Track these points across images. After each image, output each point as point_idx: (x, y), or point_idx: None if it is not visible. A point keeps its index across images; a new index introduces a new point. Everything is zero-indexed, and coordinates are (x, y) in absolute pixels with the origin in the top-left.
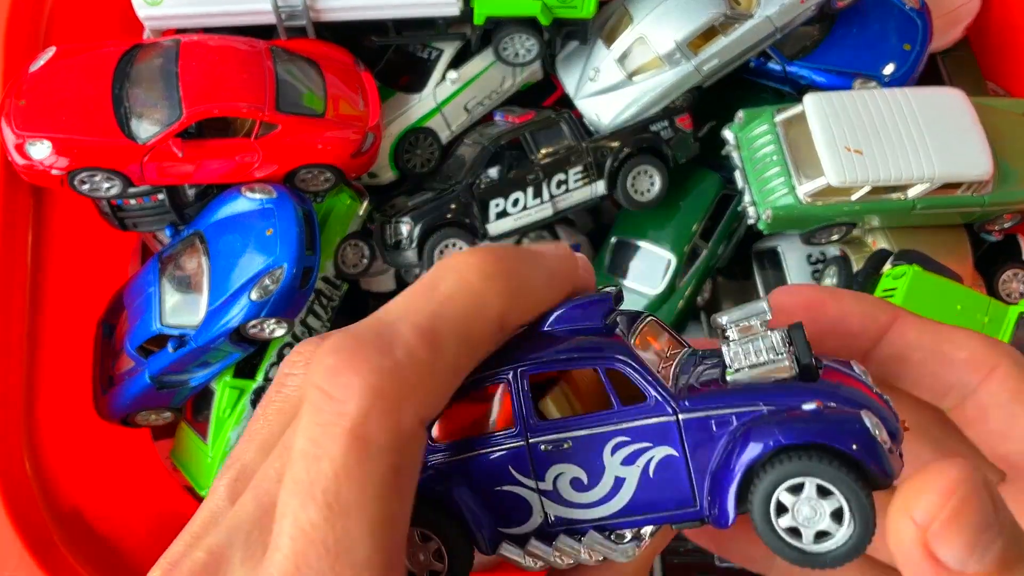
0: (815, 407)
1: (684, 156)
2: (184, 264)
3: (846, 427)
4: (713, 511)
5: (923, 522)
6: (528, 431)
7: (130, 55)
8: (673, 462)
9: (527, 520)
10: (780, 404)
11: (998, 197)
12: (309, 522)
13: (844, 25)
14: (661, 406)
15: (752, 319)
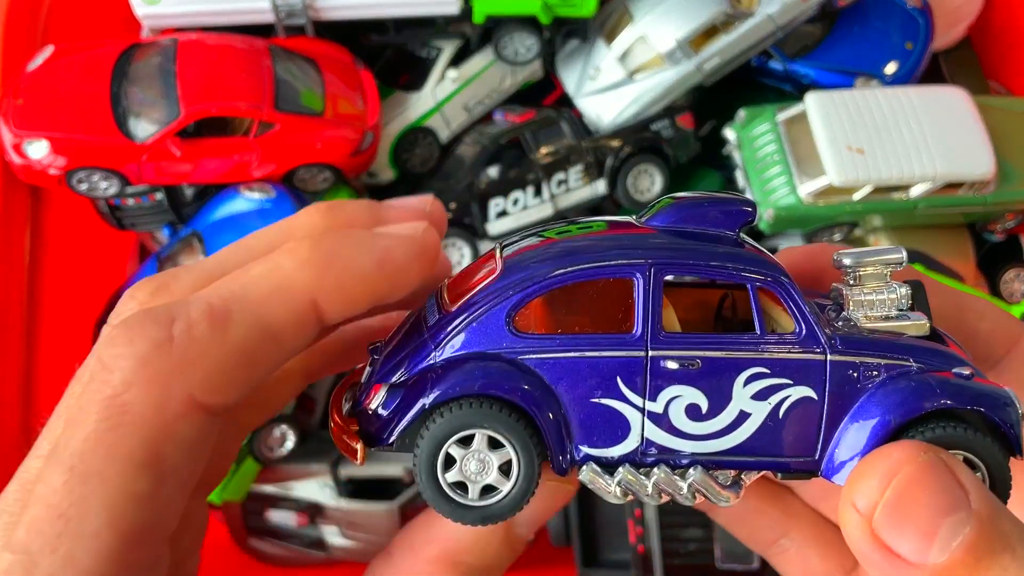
0: (969, 372)
1: (685, 155)
2: (182, 264)
3: (1000, 401)
4: (836, 463)
5: (865, 509)
6: (652, 341)
7: (128, 54)
8: (809, 405)
9: (619, 442)
10: (930, 364)
11: (1000, 196)
12: (52, 487)
13: (846, 24)
14: (811, 341)
15: (880, 266)
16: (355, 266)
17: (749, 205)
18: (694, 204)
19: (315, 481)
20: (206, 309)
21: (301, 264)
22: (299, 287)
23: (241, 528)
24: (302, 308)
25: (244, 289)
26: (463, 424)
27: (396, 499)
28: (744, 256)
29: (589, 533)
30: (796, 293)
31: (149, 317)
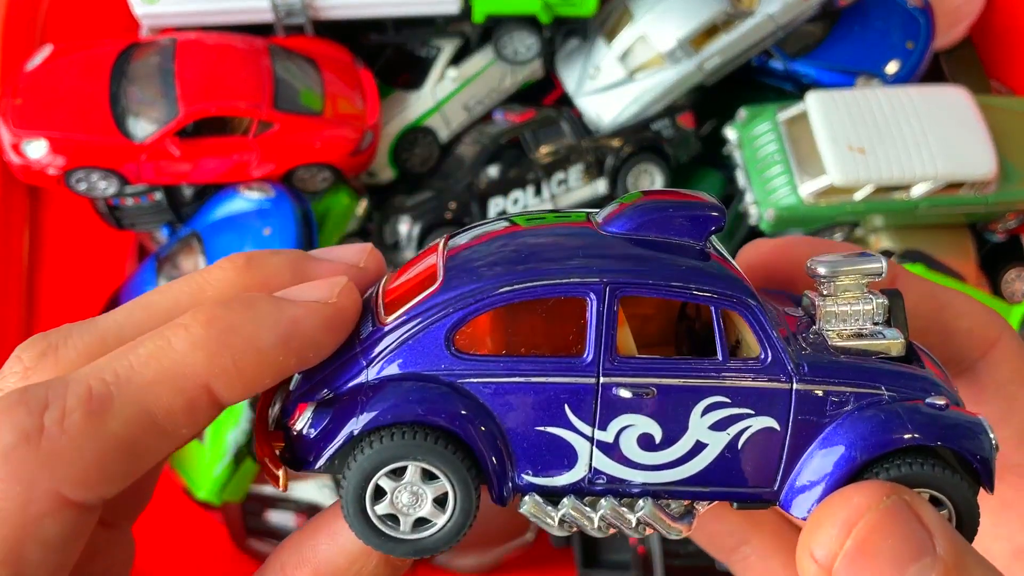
0: (943, 403)
1: (686, 155)
2: (181, 264)
3: (971, 431)
4: (799, 496)
5: (824, 560)
6: (604, 366)
7: (127, 53)
8: (771, 436)
9: (565, 471)
10: (902, 391)
11: (1001, 196)
12: None
13: (846, 23)
14: (776, 368)
15: (855, 276)
16: (255, 345)
17: (717, 211)
18: (658, 209)
19: (314, 482)
20: (84, 395)
21: (193, 345)
22: (190, 372)
23: (240, 529)
24: (193, 394)
25: (128, 371)
26: (394, 456)
27: None
28: (708, 274)
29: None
30: (763, 316)
31: (21, 402)
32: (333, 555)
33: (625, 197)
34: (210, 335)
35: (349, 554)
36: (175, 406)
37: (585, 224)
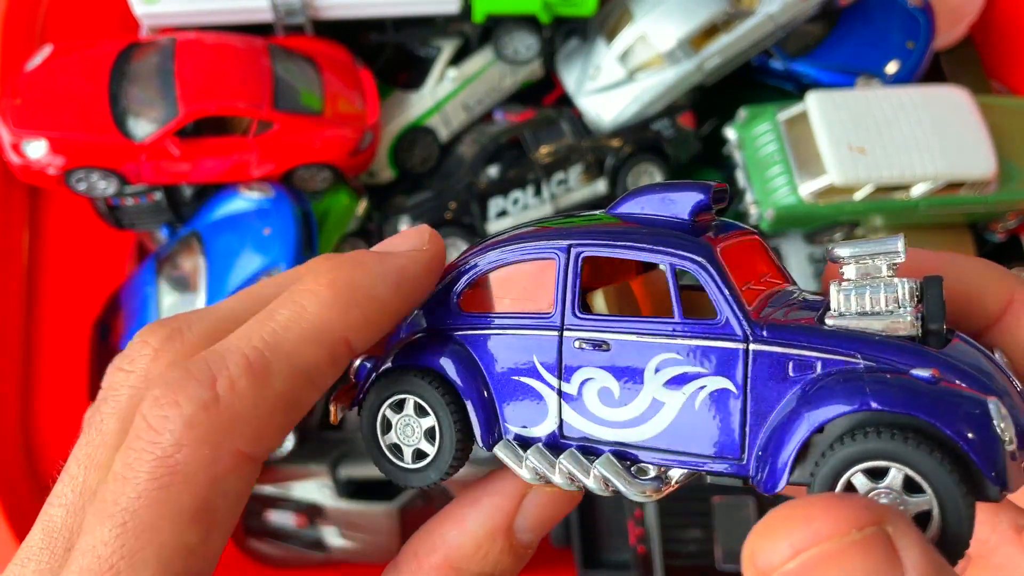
0: (929, 375)
1: (686, 155)
2: (181, 264)
3: (962, 408)
4: (761, 472)
5: (761, 571)
6: (565, 321)
7: (127, 53)
8: (727, 399)
9: (539, 423)
10: (884, 361)
11: (1001, 196)
12: (101, 540)
13: (846, 23)
14: (731, 328)
15: (879, 259)
16: (375, 295)
17: (702, 190)
18: (649, 191)
19: (314, 482)
20: (244, 364)
21: (325, 306)
22: (329, 329)
23: (240, 529)
24: (335, 348)
25: (275, 336)
26: (393, 390)
27: (395, 500)
28: (667, 237)
29: (589, 534)
30: (716, 274)
31: (191, 377)
32: (462, 541)
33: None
34: (337, 294)
35: (476, 538)
36: (322, 360)
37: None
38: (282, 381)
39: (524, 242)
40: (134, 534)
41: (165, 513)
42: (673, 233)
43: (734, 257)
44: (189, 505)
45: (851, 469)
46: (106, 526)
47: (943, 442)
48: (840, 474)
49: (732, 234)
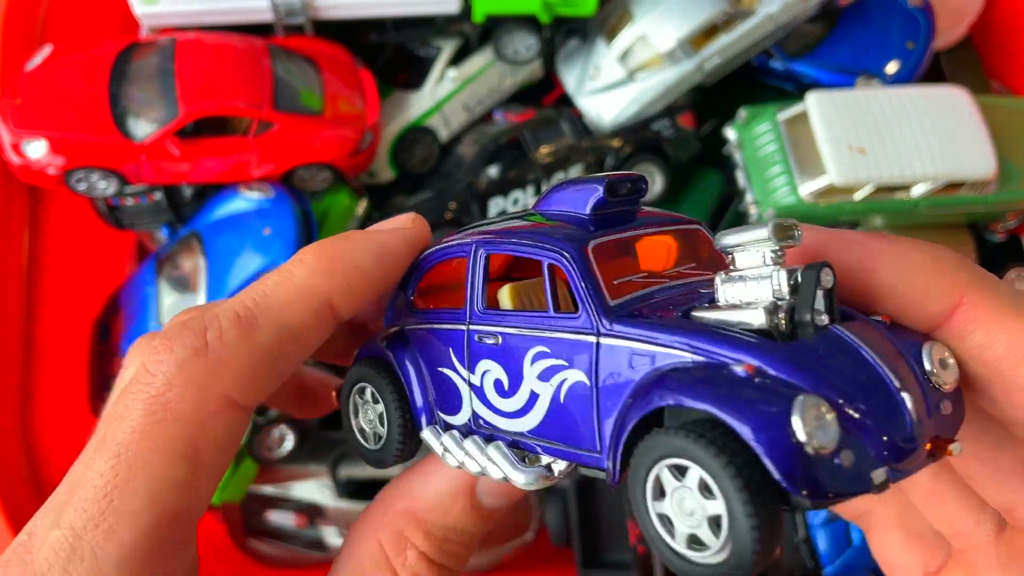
0: (742, 372)
1: (685, 155)
2: (181, 264)
3: (758, 406)
4: (608, 465)
5: None
6: (472, 315)
7: (127, 53)
8: (584, 392)
9: (458, 412)
10: (714, 356)
11: (1001, 196)
12: (98, 471)
13: (846, 23)
14: (587, 322)
15: (758, 247)
16: (358, 264)
17: (599, 183)
18: (559, 188)
19: (314, 482)
20: (234, 317)
21: (311, 271)
22: (312, 291)
23: (240, 529)
24: (319, 309)
25: (264, 297)
26: (356, 377)
27: None
28: (545, 234)
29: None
30: (578, 269)
31: (186, 327)
32: (426, 494)
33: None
34: (322, 261)
35: (439, 493)
36: (306, 318)
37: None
38: (267, 334)
39: (454, 242)
40: (127, 466)
41: (156, 447)
42: (557, 230)
43: (642, 250)
44: (178, 441)
45: (656, 466)
46: (103, 459)
47: (740, 443)
48: (649, 470)
49: (645, 227)
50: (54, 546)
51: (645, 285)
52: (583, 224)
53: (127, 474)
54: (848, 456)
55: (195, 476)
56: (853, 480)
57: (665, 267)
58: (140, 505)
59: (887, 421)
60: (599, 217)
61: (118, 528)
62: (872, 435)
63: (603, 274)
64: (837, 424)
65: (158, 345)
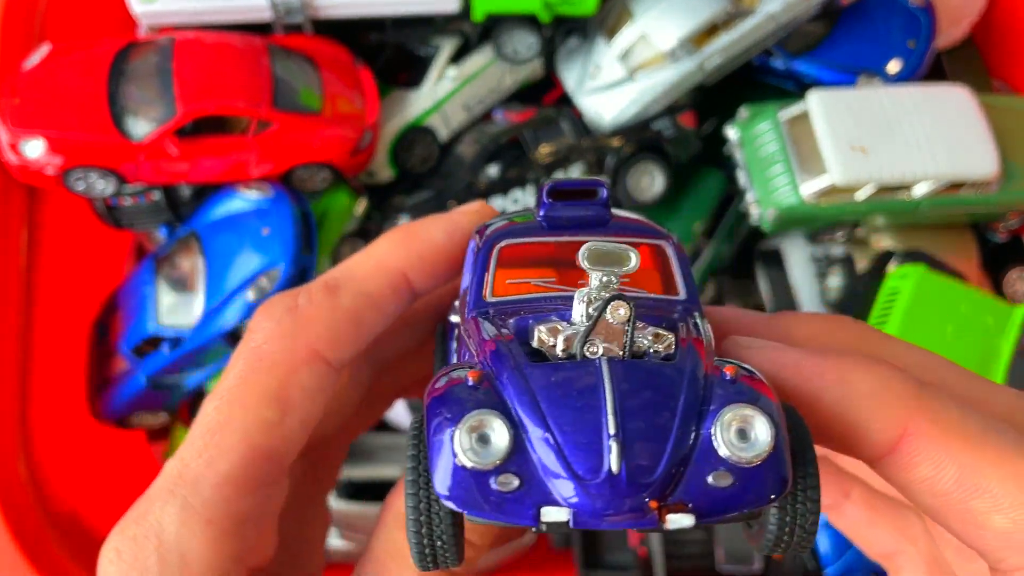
0: (469, 379)
1: (686, 154)
2: (179, 264)
3: (444, 408)
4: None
5: None
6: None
7: (125, 52)
8: None
9: None
10: (487, 366)
11: (1003, 196)
12: (206, 412)
13: (848, 22)
14: (466, 311)
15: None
16: (432, 240)
17: (549, 185)
18: (538, 190)
19: None
20: (322, 283)
21: (390, 246)
22: (390, 263)
23: None
24: (396, 279)
25: (349, 269)
26: None
27: None
28: (495, 229)
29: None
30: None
31: (283, 295)
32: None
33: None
34: (400, 238)
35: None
36: (384, 287)
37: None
38: (350, 298)
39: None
40: (227, 406)
41: (250, 391)
42: (508, 227)
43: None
44: (270, 386)
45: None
46: (212, 403)
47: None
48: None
49: (592, 234)
50: (168, 471)
51: (537, 290)
52: (535, 226)
53: (227, 413)
54: (509, 482)
55: (284, 419)
56: (512, 509)
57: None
58: (236, 440)
59: (583, 465)
60: (550, 220)
61: (216, 459)
62: (556, 474)
63: (499, 272)
64: (507, 446)
65: (261, 310)
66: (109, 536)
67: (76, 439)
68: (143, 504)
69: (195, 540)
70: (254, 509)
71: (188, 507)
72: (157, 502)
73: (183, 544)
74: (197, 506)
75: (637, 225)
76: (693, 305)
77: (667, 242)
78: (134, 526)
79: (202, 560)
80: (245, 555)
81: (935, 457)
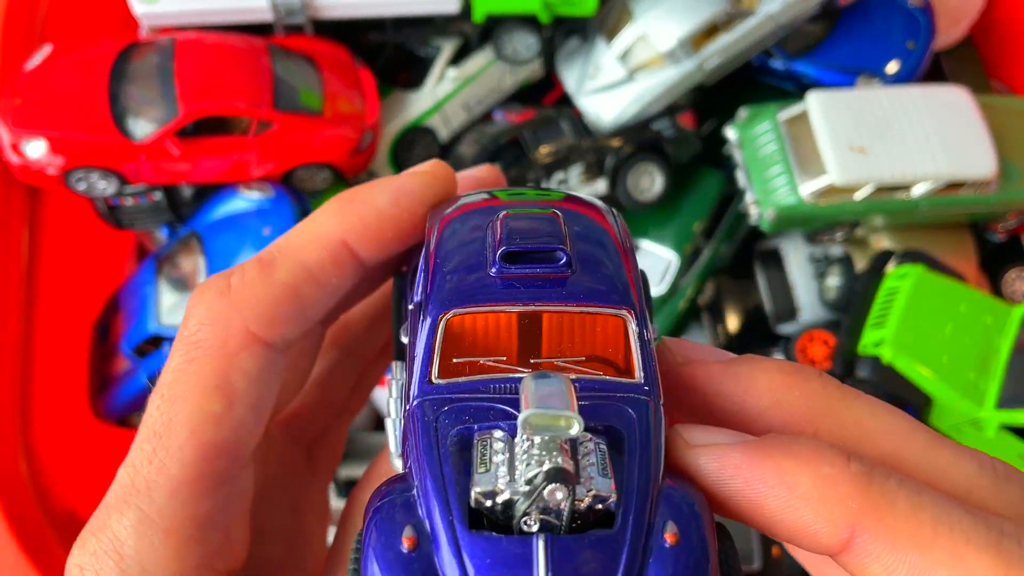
0: (403, 545)
1: (686, 155)
2: (181, 264)
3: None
4: None
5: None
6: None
7: (126, 53)
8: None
9: None
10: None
11: (1002, 196)
12: (149, 413)
13: (847, 22)
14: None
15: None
16: (373, 205)
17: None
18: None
19: None
20: (256, 260)
21: (329, 214)
22: (328, 232)
23: None
24: (334, 248)
25: (286, 241)
26: None
27: None
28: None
29: None
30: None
31: (216, 276)
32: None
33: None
34: (339, 204)
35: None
36: (323, 258)
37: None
38: (286, 272)
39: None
40: (169, 404)
41: (190, 383)
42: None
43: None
44: (209, 376)
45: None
46: (153, 401)
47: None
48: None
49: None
50: (120, 481)
51: (488, 371)
52: (488, 283)
53: (169, 411)
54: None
55: (231, 409)
56: None
57: (545, 353)
58: (183, 439)
59: None
60: (503, 280)
61: (167, 462)
62: None
63: (445, 348)
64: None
65: (193, 294)
66: (72, 550)
67: (77, 439)
68: (101, 515)
69: (156, 552)
70: (215, 510)
71: (144, 518)
72: (114, 513)
73: (143, 557)
74: (153, 515)
75: (601, 274)
76: (651, 391)
77: (629, 313)
78: (93, 540)
79: (166, 572)
80: (212, 560)
81: (884, 559)
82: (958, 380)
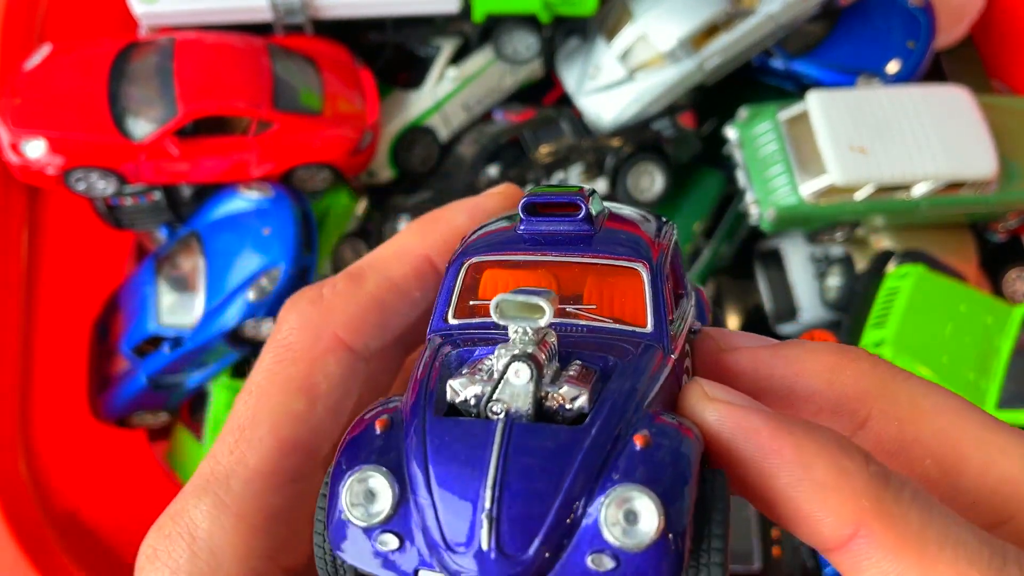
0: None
1: (686, 154)
2: (180, 264)
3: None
4: None
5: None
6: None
7: (126, 53)
8: None
9: None
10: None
11: (1003, 196)
12: (237, 409)
13: (847, 22)
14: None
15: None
16: (452, 223)
17: (522, 202)
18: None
19: None
20: (346, 274)
21: (413, 232)
22: (413, 248)
23: None
24: (418, 262)
25: (374, 257)
26: None
27: None
28: (466, 244)
29: None
30: (448, 282)
31: (309, 287)
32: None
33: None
34: (422, 224)
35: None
36: (407, 272)
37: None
38: (374, 284)
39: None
40: (255, 400)
41: (277, 383)
42: (484, 239)
43: (530, 275)
44: (296, 377)
45: None
46: (242, 399)
47: None
48: None
49: (564, 254)
50: (201, 471)
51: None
52: (514, 237)
53: (255, 407)
54: (388, 541)
55: (312, 408)
56: (393, 567)
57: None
58: (264, 432)
59: (455, 537)
60: (527, 235)
61: (247, 454)
62: (432, 541)
63: (463, 292)
64: (390, 506)
65: (286, 303)
66: (148, 533)
67: (77, 438)
68: (179, 502)
69: (226, 536)
70: (286, 504)
71: (219, 503)
72: (191, 499)
73: (214, 541)
74: (228, 502)
75: (623, 237)
76: (660, 340)
77: (644, 266)
78: (170, 523)
79: (233, 557)
80: (277, 553)
81: (883, 566)
82: (958, 380)
